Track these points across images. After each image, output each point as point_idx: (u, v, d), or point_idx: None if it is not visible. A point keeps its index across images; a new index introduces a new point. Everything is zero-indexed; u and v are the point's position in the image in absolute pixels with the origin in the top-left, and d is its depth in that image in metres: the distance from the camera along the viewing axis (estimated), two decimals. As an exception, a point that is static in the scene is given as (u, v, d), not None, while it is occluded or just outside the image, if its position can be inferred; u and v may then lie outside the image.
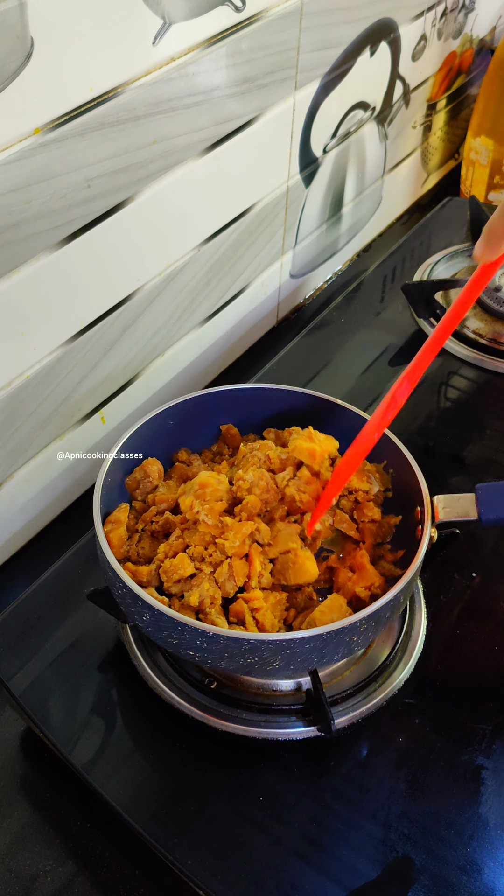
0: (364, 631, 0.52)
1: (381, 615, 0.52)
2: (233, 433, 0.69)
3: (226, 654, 0.51)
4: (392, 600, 0.52)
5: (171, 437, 0.67)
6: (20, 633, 0.64)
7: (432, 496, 0.58)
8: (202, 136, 0.74)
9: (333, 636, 0.51)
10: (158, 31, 0.63)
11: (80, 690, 0.60)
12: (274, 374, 0.88)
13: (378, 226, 1.25)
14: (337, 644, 0.52)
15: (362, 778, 0.56)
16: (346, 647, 0.53)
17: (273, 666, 0.52)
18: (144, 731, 0.58)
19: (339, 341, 0.93)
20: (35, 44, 0.54)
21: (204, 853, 0.52)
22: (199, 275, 0.84)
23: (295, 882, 0.51)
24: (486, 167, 1.22)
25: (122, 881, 0.54)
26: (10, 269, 0.61)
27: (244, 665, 0.52)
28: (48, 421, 0.73)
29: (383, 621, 0.54)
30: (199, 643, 0.51)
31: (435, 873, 0.51)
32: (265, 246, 0.94)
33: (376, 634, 0.56)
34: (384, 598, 0.52)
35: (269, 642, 0.50)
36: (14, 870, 0.55)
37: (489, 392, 0.87)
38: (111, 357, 0.77)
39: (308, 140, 0.92)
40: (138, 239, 0.72)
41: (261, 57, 0.76)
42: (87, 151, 0.62)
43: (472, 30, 1.22)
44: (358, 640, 0.53)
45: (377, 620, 0.53)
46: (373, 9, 0.91)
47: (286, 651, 0.51)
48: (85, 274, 0.68)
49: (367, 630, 0.53)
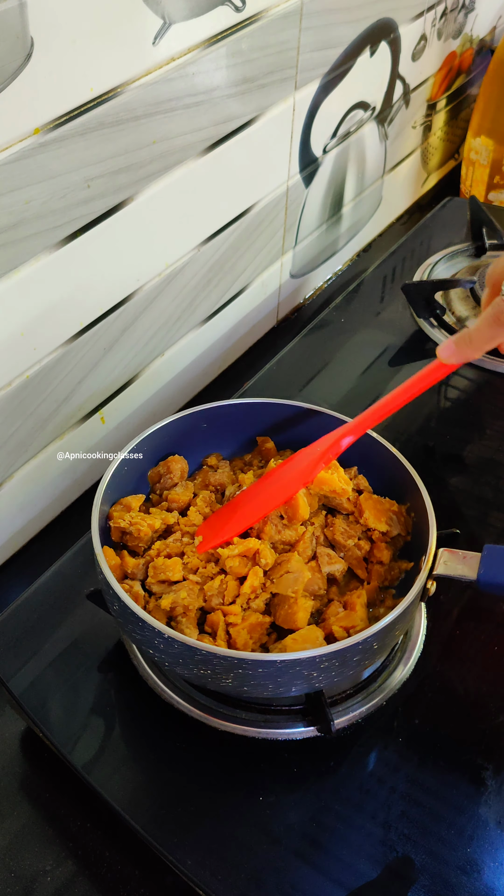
0: (326, 669, 0.50)
1: (346, 656, 0.50)
2: (268, 447, 0.69)
3: (180, 660, 0.51)
4: (361, 642, 0.50)
5: (202, 440, 0.68)
6: (20, 633, 0.64)
7: (440, 546, 0.56)
8: (202, 136, 0.74)
9: (289, 666, 0.49)
10: (158, 31, 0.63)
11: (80, 690, 0.60)
12: (273, 375, 0.88)
13: (378, 226, 1.25)
14: (293, 676, 0.50)
15: (362, 778, 0.56)
16: (305, 682, 0.51)
17: (226, 682, 0.51)
18: (144, 731, 0.58)
19: (339, 341, 0.93)
20: (35, 44, 0.54)
21: (204, 853, 0.52)
22: (199, 275, 0.84)
23: (295, 882, 0.51)
24: (486, 167, 1.22)
25: (122, 881, 0.54)
26: (10, 269, 0.61)
27: (199, 675, 0.52)
28: (48, 421, 0.73)
29: (350, 664, 0.52)
30: (157, 643, 0.51)
31: (435, 873, 0.51)
32: (265, 246, 0.94)
33: (342, 677, 0.53)
34: (349, 640, 0.50)
35: (221, 657, 0.49)
36: (14, 870, 0.55)
37: (489, 392, 0.87)
38: (111, 357, 0.77)
39: (308, 140, 0.92)
40: (138, 239, 0.72)
41: (261, 57, 0.76)
42: (87, 151, 0.62)
43: (472, 30, 1.22)
44: (319, 677, 0.51)
45: (342, 661, 0.51)
46: (373, 9, 0.91)
47: (238, 671, 0.50)
48: (85, 274, 0.68)
49: (329, 668, 0.50)
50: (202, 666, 0.51)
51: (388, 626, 0.51)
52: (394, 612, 0.51)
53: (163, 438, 0.65)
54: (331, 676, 0.52)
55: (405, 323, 0.95)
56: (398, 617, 0.51)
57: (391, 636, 0.54)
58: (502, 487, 0.76)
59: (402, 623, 0.54)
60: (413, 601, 0.53)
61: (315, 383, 0.87)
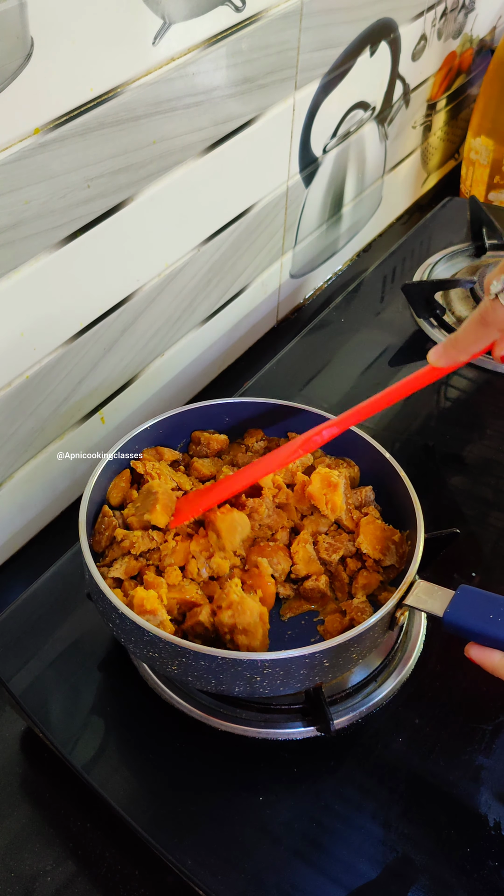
0: (269, 676, 0.50)
1: (289, 667, 0.50)
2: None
3: (132, 639, 0.52)
4: (307, 657, 0.49)
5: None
6: (20, 633, 0.64)
7: (421, 575, 0.56)
8: (202, 136, 0.74)
9: (230, 665, 0.49)
10: (158, 31, 0.63)
11: (80, 690, 0.60)
12: (273, 375, 0.88)
13: (378, 226, 1.25)
14: (235, 675, 0.50)
15: (362, 778, 0.56)
16: (248, 684, 0.51)
17: (172, 670, 0.52)
18: (144, 731, 0.58)
19: (339, 341, 0.93)
20: (35, 44, 0.54)
21: (204, 853, 0.52)
22: (199, 275, 0.84)
23: (295, 882, 0.51)
24: (486, 167, 1.22)
25: (122, 881, 0.54)
26: (10, 269, 0.61)
27: (149, 658, 0.53)
28: (48, 421, 0.73)
29: (296, 676, 0.51)
30: (114, 618, 0.52)
31: (435, 873, 0.51)
32: (265, 246, 0.94)
33: (288, 687, 0.52)
34: (292, 652, 0.49)
35: (166, 642, 0.50)
36: (14, 870, 0.55)
37: (489, 392, 0.87)
38: (111, 357, 0.77)
39: (308, 140, 0.92)
40: (138, 239, 0.72)
41: (261, 57, 0.76)
42: (87, 151, 0.62)
43: (472, 30, 1.22)
44: (263, 682, 0.51)
45: (286, 672, 0.50)
46: (373, 9, 0.91)
47: (181, 658, 0.50)
48: (85, 274, 0.68)
49: (272, 676, 0.50)
50: (150, 648, 0.51)
51: (338, 647, 0.50)
52: (347, 635, 0.50)
53: (155, 435, 0.66)
54: (275, 685, 0.51)
55: (405, 323, 0.95)
56: (352, 639, 0.50)
57: (345, 657, 0.52)
58: (502, 487, 0.76)
59: (360, 646, 0.52)
60: (372, 627, 0.51)
61: (315, 383, 0.87)
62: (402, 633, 0.63)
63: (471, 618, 0.49)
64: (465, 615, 0.49)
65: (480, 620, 0.49)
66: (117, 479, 0.63)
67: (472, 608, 0.49)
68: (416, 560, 0.55)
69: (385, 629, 0.54)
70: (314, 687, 0.55)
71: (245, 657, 0.49)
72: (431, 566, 0.67)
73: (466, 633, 0.49)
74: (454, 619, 0.49)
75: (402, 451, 0.78)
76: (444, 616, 0.50)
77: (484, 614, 0.49)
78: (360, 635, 0.51)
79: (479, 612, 0.49)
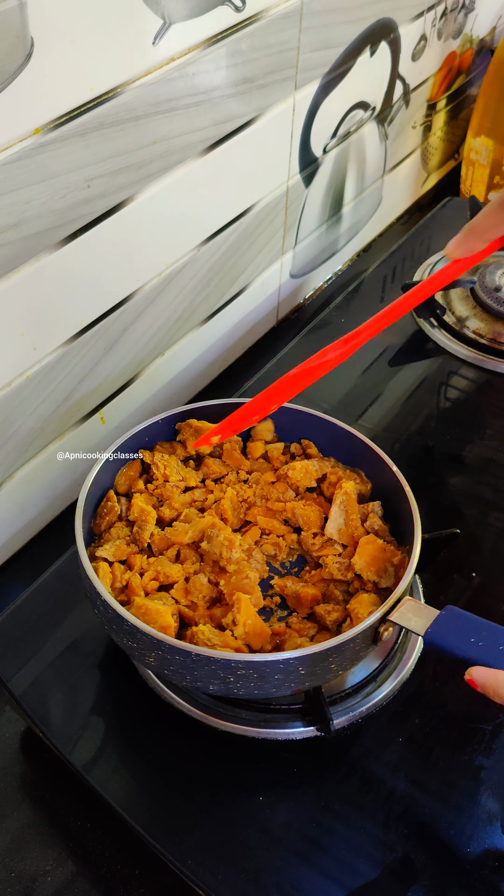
0: (242, 677, 0.50)
1: (264, 672, 0.50)
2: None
3: (114, 627, 0.53)
4: (282, 662, 0.49)
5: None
6: (20, 633, 0.64)
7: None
8: (202, 136, 0.74)
9: (204, 662, 0.49)
10: (158, 31, 0.63)
11: (80, 690, 0.60)
12: (274, 375, 0.88)
13: (378, 226, 1.25)
14: (209, 673, 0.50)
15: (362, 778, 0.56)
16: (222, 683, 0.51)
17: (149, 661, 0.52)
18: (144, 731, 0.58)
19: (339, 341, 0.93)
20: (35, 44, 0.53)
21: (204, 853, 0.52)
22: (199, 275, 0.84)
23: (295, 882, 0.51)
24: (486, 167, 1.22)
25: (122, 881, 0.54)
26: (10, 269, 0.61)
27: (128, 647, 0.53)
28: (48, 421, 0.73)
29: (271, 681, 0.51)
30: (98, 604, 0.53)
31: (435, 873, 0.51)
32: (265, 246, 0.94)
33: (263, 692, 0.52)
34: (267, 656, 0.49)
35: (143, 633, 0.50)
36: (14, 870, 0.55)
37: (489, 392, 0.87)
38: (111, 357, 0.77)
39: (308, 140, 0.92)
40: (138, 239, 0.72)
41: (261, 57, 0.76)
42: (87, 151, 0.61)
43: (472, 30, 1.22)
44: (236, 683, 0.51)
45: (260, 675, 0.50)
46: (373, 9, 0.91)
47: (157, 651, 0.50)
48: (85, 274, 0.68)
49: (246, 678, 0.50)
50: (129, 637, 0.52)
51: (315, 655, 0.50)
52: (324, 645, 0.50)
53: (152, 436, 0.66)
54: (250, 687, 0.51)
55: (405, 323, 0.95)
56: (330, 649, 0.50)
57: (323, 667, 0.51)
58: (502, 487, 0.76)
59: (340, 657, 0.52)
60: (352, 640, 0.51)
61: (315, 383, 0.87)
62: (402, 633, 0.63)
63: (451, 639, 0.48)
64: (447, 636, 0.49)
65: (461, 642, 0.48)
66: (127, 468, 0.65)
67: (454, 630, 0.49)
68: (408, 577, 0.54)
69: (368, 643, 0.53)
70: (313, 688, 0.56)
71: (219, 655, 0.49)
72: (431, 566, 0.67)
73: (445, 654, 0.49)
74: (434, 639, 0.49)
75: (402, 452, 0.78)
76: (425, 635, 0.49)
77: (465, 637, 0.48)
78: (339, 647, 0.50)
79: (460, 635, 0.48)
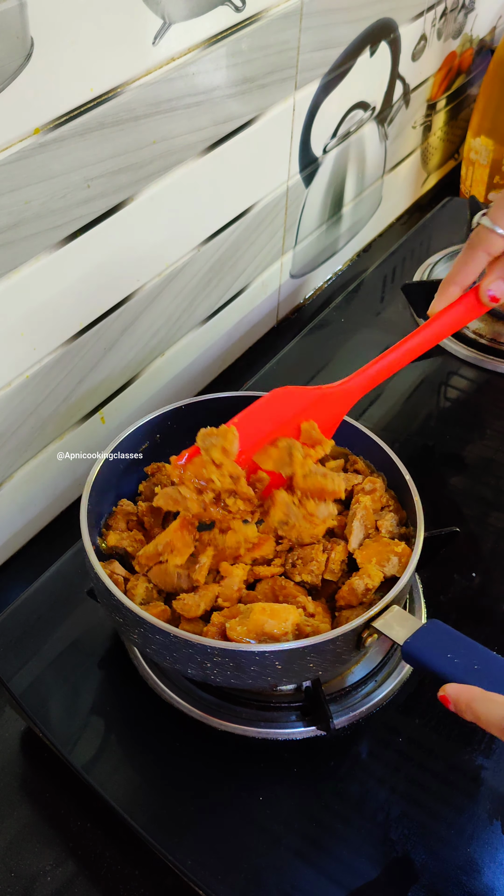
0: (218, 665, 0.50)
1: (241, 662, 0.50)
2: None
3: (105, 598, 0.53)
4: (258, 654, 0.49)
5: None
6: (20, 633, 0.64)
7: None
8: (202, 136, 0.74)
9: (182, 644, 0.49)
10: (158, 31, 0.63)
11: (80, 690, 0.60)
12: (274, 375, 0.88)
13: (378, 226, 1.25)
14: (186, 657, 0.50)
15: (362, 778, 0.56)
16: (199, 668, 0.51)
17: (133, 638, 0.53)
18: (144, 731, 0.58)
19: (339, 341, 0.93)
20: (35, 44, 0.53)
21: (204, 853, 0.52)
22: (199, 275, 0.84)
23: (295, 882, 0.51)
24: (486, 167, 1.22)
25: (122, 881, 0.54)
26: (10, 269, 0.61)
27: (116, 622, 0.54)
28: (48, 421, 0.73)
29: (248, 672, 0.51)
30: (93, 576, 0.54)
31: (435, 873, 0.51)
32: (265, 246, 0.94)
33: (240, 682, 0.52)
34: (245, 646, 0.49)
35: (127, 609, 0.50)
36: (14, 870, 0.55)
37: (489, 392, 0.88)
38: (111, 357, 0.77)
39: (308, 140, 0.92)
40: (138, 239, 0.72)
41: (261, 57, 0.76)
42: (87, 151, 0.62)
43: (472, 30, 1.22)
44: (213, 669, 0.51)
45: (236, 665, 0.50)
46: (373, 9, 0.91)
47: (140, 629, 0.51)
48: (85, 274, 0.68)
49: (222, 666, 0.50)
50: (116, 613, 0.53)
51: (291, 651, 0.49)
52: (302, 642, 0.49)
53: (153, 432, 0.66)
54: (226, 676, 0.51)
55: (405, 323, 0.95)
56: (308, 648, 0.49)
57: (301, 665, 0.51)
58: (502, 487, 0.76)
59: (320, 658, 0.51)
60: (331, 641, 0.50)
61: (315, 383, 0.87)
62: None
63: (428, 652, 0.48)
64: (424, 649, 0.48)
65: (437, 657, 0.47)
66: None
67: (433, 643, 0.48)
68: (399, 587, 0.53)
69: (351, 648, 0.52)
70: (313, 685, 0.56)
71: (196, 640, 0.49)
72: (431, 566, 0.67)
73: (420, 667, 0.48)
74: (412, 651, 0.48)
75: (402, 451, 0.78)
76: (404, 645, 0.48)
77: (442, 652, 0.47)
78: (317, 646, 0.50)
79: (438, 649, 0.48)
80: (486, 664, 0.46)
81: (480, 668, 0.46)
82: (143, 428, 0.65)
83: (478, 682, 0.45)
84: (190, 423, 0.69)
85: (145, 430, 0.65)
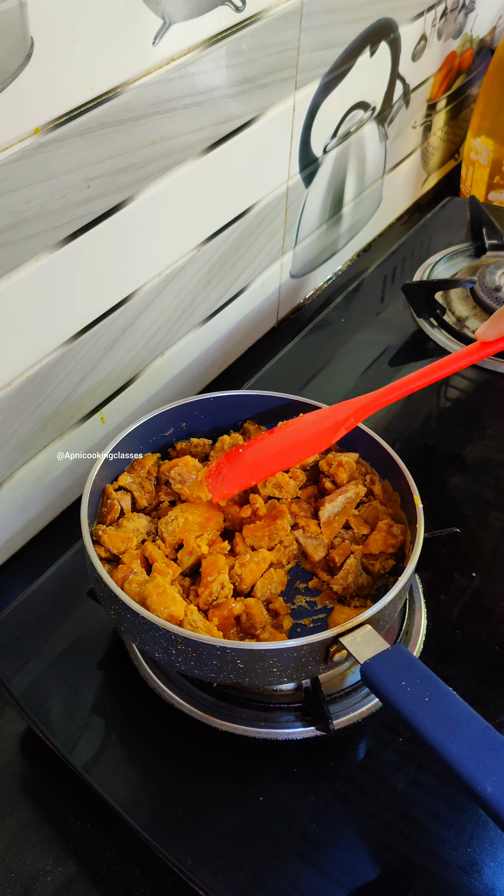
0: (182, 651, 0.51)
1: (202, 655, 0.50)
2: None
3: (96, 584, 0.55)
4: (219, 649, 0.49)
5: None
6: (20, 633, 0.64)
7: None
8: (202, 136, 0.74)
9: (164, 636, 0.50)
10: (158, 31, 0.63)
11: (80, 690, 0.60)
12: (274, 375, 0.88)
13: (378, 226, 1.25)
14: (153, 641, 0.51)
15: (362, 778, 0.56)
16: (165, 653, 0.52)
17: (122, 627, 0.54)
18: (144, 731, 0.58)
19: (339, 341, 0.93)
20: (35, 44, 0.54)
21: (204, 853, 0.52)
22: (199, 275, 0.84)
23: (295, 882, 0.51)
24: (486, 167, 1.22)
25: (122, 881, 0.54)
26: (10, 269, 0.61)
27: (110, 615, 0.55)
28: (48, 421, 0.73)
29: (208, 665, 0.51)
30: (91, 571, 0.54)
31: (435, 873, 0.51)
32: (265, 246, 0.94)
33: (202, 672, 0.52)
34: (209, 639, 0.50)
35: (120, 600, 0.51)
36: (14, 870, 0.55)
37: (489, 392, 0.88)
38: (111, 357, 0.77)
39: (308, 140, 0.92)
40: (138, 239, 0.72)
41: (261, 57, 0.76)
42: (87, 151, 0.62)
43: (472, 30, 1.22)
44: (179, 658, 0.52)
45: (197, 658, 0.51)
46: (373, 9, 0.91)
47: (128, 616, 0.52)
48: (85, 274, 0.68)
49: (185, 654, 0.51)
50: (109, 603, 0.54)
51: (251, 652, 0.50)
52: (264, 645, 0.50)
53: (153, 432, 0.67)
54: (189, 666, 0.52)
55: (405, 323, 0.95)
56: (269, 651, 0.50)
57: (263, 667, 0.51)
58: (502, 487, 0.76)
59: (282, 663, 0.51)
60: (295, 649, 0.50)
61: (315, 383, 0.87)
62: (401, 633, 0.63)
63: (383, 677, 0.47)
64: (380, 673, 0.48)
65: (390, 683, 0.47)
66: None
67: (390, 669, 0.48)
68: (380, 605, 0.52)
69: (317, 659, 0.52)
70: (312, 680, 0.56)
71: (162, 624, 0.50)
72: (431, 566, 0.67)
73: (374, 690, 0.48)
74: (369, 673, 0.48)
75: (402, 451, 0.78)
76: (363, 665, 0.48)
77: (397, 679, 0.47)
78: (280, 651, 0.50)
79: (395, 675, 0.47)
80: (438, 698, 0.46)
81: (431, 700, 0.46)
82: (144, 427, 0.65)
83: (424, 715, 0.45)
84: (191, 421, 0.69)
85: (149, 428, 0.66)
